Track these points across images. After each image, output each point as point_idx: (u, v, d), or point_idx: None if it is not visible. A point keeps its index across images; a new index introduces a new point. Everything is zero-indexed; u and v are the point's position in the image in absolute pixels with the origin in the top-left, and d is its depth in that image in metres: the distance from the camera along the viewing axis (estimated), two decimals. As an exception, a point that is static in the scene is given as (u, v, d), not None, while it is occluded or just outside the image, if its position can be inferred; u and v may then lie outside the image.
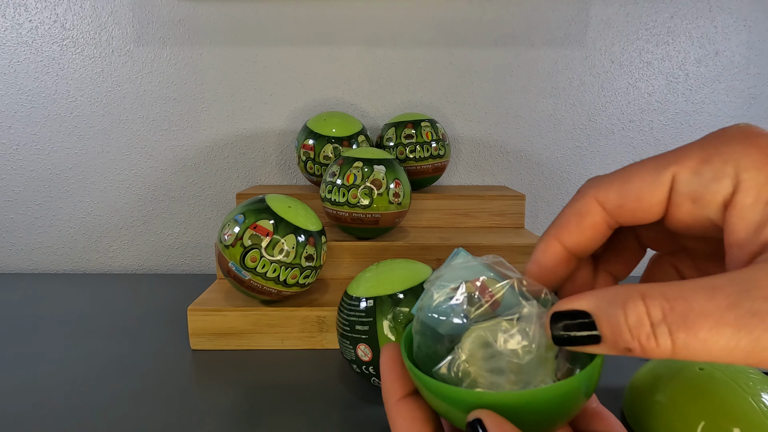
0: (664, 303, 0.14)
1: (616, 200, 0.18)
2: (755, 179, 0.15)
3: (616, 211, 0.18)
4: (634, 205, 0.17)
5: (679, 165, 0.16)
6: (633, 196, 0.17)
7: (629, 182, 0.17)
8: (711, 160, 0.16)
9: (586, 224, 0.19)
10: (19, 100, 0.73)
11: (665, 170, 0.17)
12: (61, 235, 0.77)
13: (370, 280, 0.41)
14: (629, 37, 0.74)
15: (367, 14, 0.73)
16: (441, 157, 0.68)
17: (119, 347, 0.52)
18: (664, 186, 0.17)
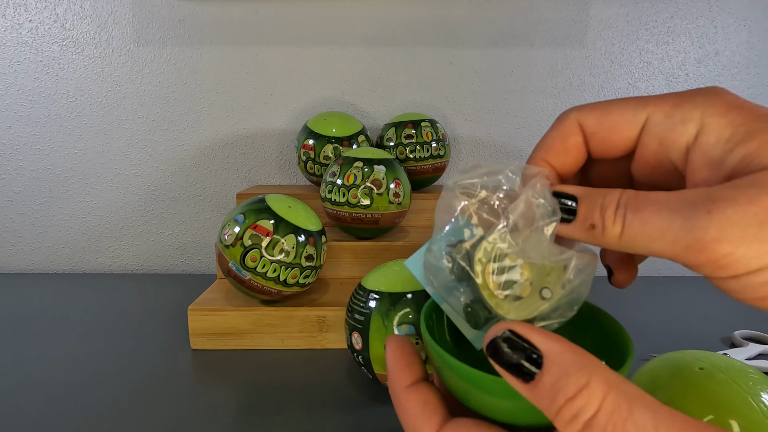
0: (631, 194, 0.16)
1: (593, 126, 0.19)
2: (717, 123, 0.17)
3: (590, 137, 0.20)
4: (607, 135, 0.19)
5: (654, 107, 0.18)
6: (608, 126, 0.19)
7: (608, 113, 0.19)
8: (682, 105, 0.17)
9: (570, 144, 0.20)
10: (19, 100, 0.73)
11: (642, 110, 0.18)
12: (61, 235, 0.77)
13: (384, 275, 0.41)
14: (629, 37, 0.74)
15: (367, 14, 0.73)
16: (441, 157, 0.68)
17: (119, 347, 0.52)
18: (638, 124, 0.18)
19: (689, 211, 0.15)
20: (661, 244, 0.15)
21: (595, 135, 0.19)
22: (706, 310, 0.63)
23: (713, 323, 0.59)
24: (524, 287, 0.18)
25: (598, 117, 0.19)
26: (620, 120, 0.19)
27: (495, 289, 0.19)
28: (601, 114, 0.19)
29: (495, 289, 0.19)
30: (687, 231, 0.15)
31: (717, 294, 0.68)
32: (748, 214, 0.14)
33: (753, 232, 0.14)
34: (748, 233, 0.14)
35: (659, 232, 0.15)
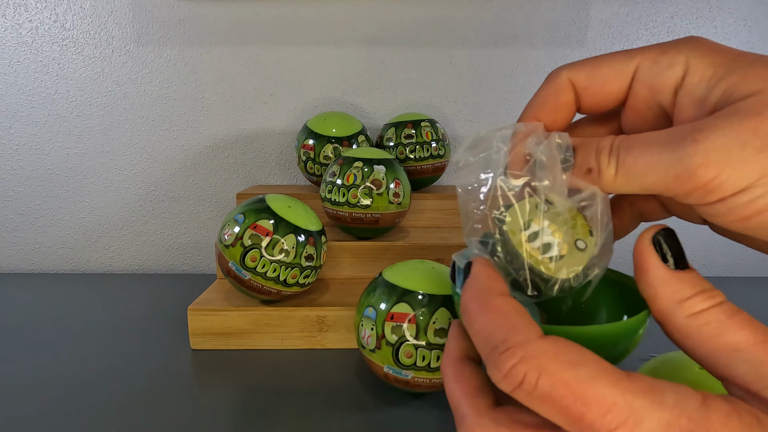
0: (625, 136, 0.17)
1: (584, 82, 0.20)
2: (701, 63, 0.18)
3: (581, 93, 0.20)
4: (599, 89, 0.20)
5: (642, 56, 0.19)
6: (600, 81, 0.20)
7: (599, 68, 0.20)
8: (667, 51, 0.19)
9: (561, 102, 0.21)
10: (19, 100, 0.73)
11: (631, 61, 0.19)
12: (61, 235, 0.77)
13: (406, 271, 0.41)
14: (629, 37, 0.74)
15: (367, 14, 0.73)
16: (441, 157, 0.68)
17: (119, 347, 0.52)
18: (628, 75, 0.19)
19: (676, 142, 0.16)
20: (652, 178, 0.16)
21: (588, 90, 0.20)
22: None
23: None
24: (561, 246, 0.19)
25: (589, 72, 0.20)
26: (611, 72, 0.19)
27: (538, 255, 0.19)
28: (592, 69, 0.20)
29: (539, 255, 0.19)
30: (676, 161, 0.15)
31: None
32: (730, 138, 0.15)
33: (736, 153, 0.15)
34: (732, 155, 0.15)
35: (650, 166, 0.16)
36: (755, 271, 0.81)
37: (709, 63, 0.17)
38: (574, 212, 0.20)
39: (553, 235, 0.19)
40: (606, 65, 0.20)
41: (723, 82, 0.17)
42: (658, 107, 0.19)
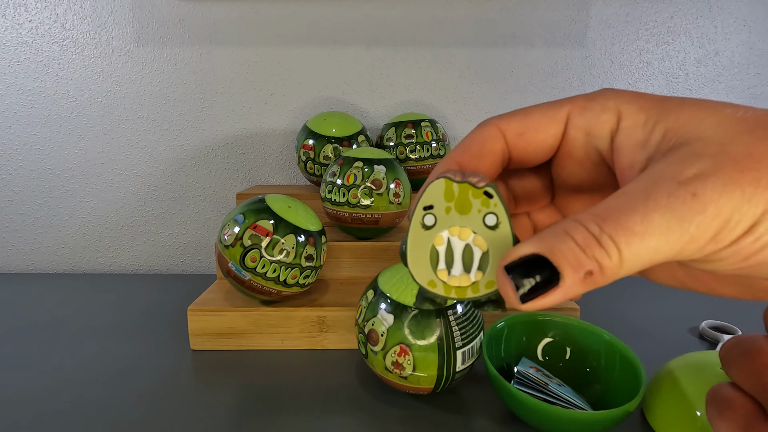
0: (596, 218, 0.15)
1: (518, 128, 0.19)
2: (631, 108, 0.18)
3: (514, 141, 0.20)
4: (533, 135, 0.19)
5: (571, 104, 0.19)
6: (533, 126, 0.19)
7: (530, 115, 0.19)
8: (595, 98, 0.19)
9: (486, 149, 0.20)
10: (19, 100, 0.73)
11: (561, 108, 0.19)
12: (61, 235, 0.77)
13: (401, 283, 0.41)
14: (629, 37, 0.74)
15: (367, 14, 0.73)
16: (441, 157, 0.68)
17: (119, 347, 0.52)
18: (561, 121, 0.19)
19: (671, 202, 0.15)
20: (665, 250, 0.15)
21: (522, 136, 0.20)
22: (673, 303, 0.65)
23: (680, 316, 0.61)
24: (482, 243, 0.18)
25: (521, 119, 0.19)
26: (543, 119, 0.19)
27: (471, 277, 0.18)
28: (524, 116, 0.19)
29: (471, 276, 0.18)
30: (688, 222, 0.15)
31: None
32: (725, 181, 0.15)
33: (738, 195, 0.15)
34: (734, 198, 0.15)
35: (663, 237, 0.15)
36: (755, 271, 0.81)
37: (638, 108, 0.18)
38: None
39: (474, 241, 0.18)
40: (537, 113, 0.19)
41: (660, 125, 0.17)
42: (595, 152, 0.19)
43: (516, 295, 0.16)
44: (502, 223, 0.18)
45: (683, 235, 0.15)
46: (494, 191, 0.18)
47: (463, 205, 0.18)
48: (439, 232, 0.18)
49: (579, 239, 0.15)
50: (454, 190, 0.18)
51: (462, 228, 0.18)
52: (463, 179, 0.18)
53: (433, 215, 0.18)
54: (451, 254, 0.18)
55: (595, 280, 0.15)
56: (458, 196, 0.18)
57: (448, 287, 0.18)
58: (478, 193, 0.18)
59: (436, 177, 0.19)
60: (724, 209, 0.14)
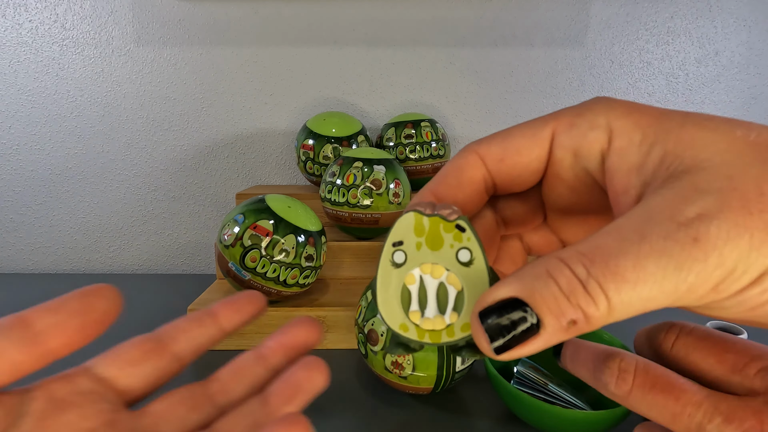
0: (583, 258, 0.13)
1: (498, 153, 0.17)
2: (625, 125, 0.16)
3: (496, 166, 0.18)
4: (515, 159, 0.17)
5: (556, 121, 0.17)
6: (514, 149, 0.17)
7: (511, 137, 0.17)
8: (583, 114, 0.16)
9: (465, 179, 0.18)
10: (19, 100, 0.73)
11: (545, 126, 0.17)
12: (61, 235, 0.77)
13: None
14: (629, 37, 0.74)
15: (367, 14, 0.73)
16: (441, 157, 0.68)
17: (119, 347, 0.52)
18: (545, 141, 0.17)
19: (667, 246, 0.13)
20: (659, 299, 0.13)
21: (503, 162, 0.18)
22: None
23: (685, 316, 0.60)
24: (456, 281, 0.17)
25: (501, 142, 0.18)
26: (524, 140, 0.17)
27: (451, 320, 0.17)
28: (504, 139, 0.17)
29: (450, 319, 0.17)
30: (687, 272, 0.13)
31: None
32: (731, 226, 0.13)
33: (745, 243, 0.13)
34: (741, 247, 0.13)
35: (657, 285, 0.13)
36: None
37: (633, 125, 0.16)
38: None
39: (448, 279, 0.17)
40: (518, 134, 0.17)
41: (658, 147, 0.15)
42: (585, 174, 0.17)
43: (490, 348, 0.14)
44: (477, 258, 0.16)
45: (680, 284, 0.13)
46: (467, 224, 0.17)
47: (434, 240, 0.17)
48: (410, 270, 0.17)
49: (563, 283, 0.13)
50: (425, 225, 0.17)
51: (434, 265, 0.17)
52: (433, 212, 0.17)
53: (403, 252, 0.17)
54: (425, 294, 0.17)
55: (579, 329, 0.14)
56: (429, 230, 0.17)
57: (422, 331, 0.17)
58: (449, 226, 0.17)
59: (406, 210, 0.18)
60: (729, 258, 0.13)
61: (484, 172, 0.18)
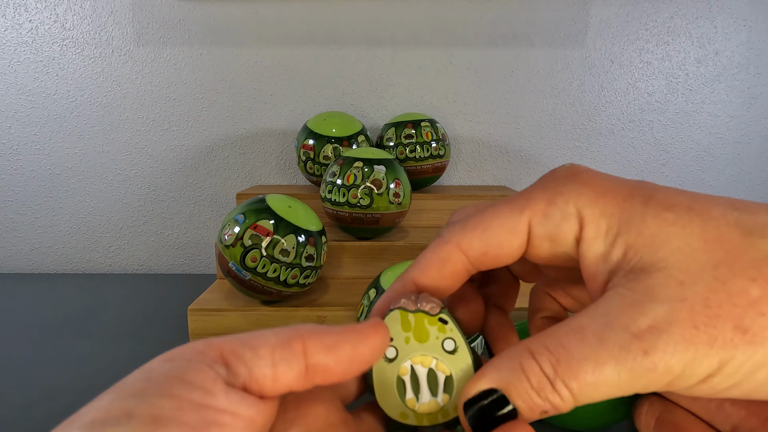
0: (550, 356, 0.15)
1: (480, 248, 0.19)
2: (593, 213, 0.17)
3: (479, 259, 0.19)
4: (497, 252, 0.19)
5: (531, 209, 0.18)
6: (495, 244, 0.18)
7: (490, 230, 0.18)
8: (555, 200, 0.18)
9: (447, 272, 0.19)
10: (19, 100, 0.73)
11: (521, 216, 0.18)
12: (61, 235, 0.77)
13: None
14: (629, 37, 0.74)
15: (367, 14, 0.73)
16: (441, 157, 0.68)
17: (119, 348, 0.52)
18: (523, 232, 0.18)
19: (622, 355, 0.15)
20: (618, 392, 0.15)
21: (486, 255, 0.19)
22: None
23: None
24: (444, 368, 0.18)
25: (480, 237, 0.19)
26: (503, 233, 0.18)
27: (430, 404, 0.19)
28: (483, 232, 0.18)
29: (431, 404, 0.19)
30: (638, 377, 0.15)
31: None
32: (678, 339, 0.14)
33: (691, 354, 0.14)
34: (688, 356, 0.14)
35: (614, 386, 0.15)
36: (755, 271, 0.81)
37: (600, 212, 0.17)
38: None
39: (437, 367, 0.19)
40: (497, 227, 0.18)
41: (621, 240, 0.16)
42: (564, 254, 0.18)
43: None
44: (460, 346, 0.18)
45: (635, 385, 0.15)
46: (448, 317, 0.19)
47: (421, 334, 0.19)
48: (402, 363, 0.18)
49: (533, 380, 0.15)
50: (411, 320, 0.19)
51: (423, 356, 0.18)
52: (417, 309, 0.19)
53: (394, 347, 0.19)
54: (417, 381, 0.18)
55: (550, 414, 0.16)
56: (415, 325, 0.19)
57: (419, 416, 0.18)
58: (433, 320, 0.19)
59: (390, 302, 0.19)
60: (676, 366, 0.14)
61: (466, 264, 0.19)
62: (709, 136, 0.77)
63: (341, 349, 0.16)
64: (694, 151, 0.77)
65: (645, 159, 0.77)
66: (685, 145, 0.77)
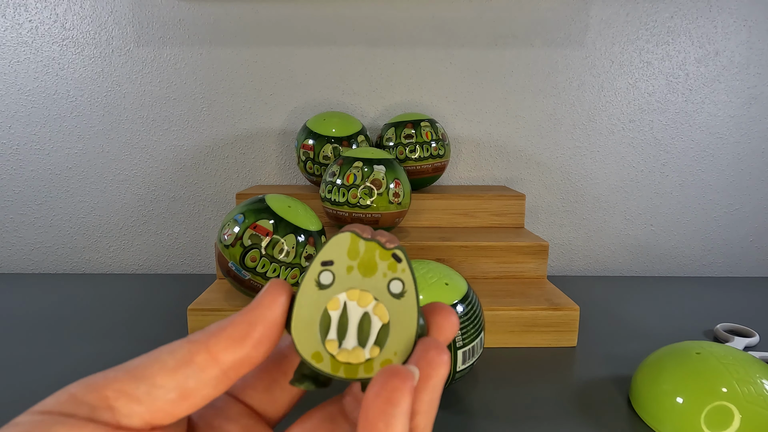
0: None
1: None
2: None
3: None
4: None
5: None
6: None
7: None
8: None
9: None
10: (19, 100, 0.73)
11: None
12: (61, 235, 0.77)
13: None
14: (629, 37, 0.74)
15: (367, 14, 0.73)
16: (441, 157, 0.68)
17: (119, 347, 0.52)
18: None
19: None
20: None
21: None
22: (688, 306, 0.65)
23: (696, 318, 0.61)
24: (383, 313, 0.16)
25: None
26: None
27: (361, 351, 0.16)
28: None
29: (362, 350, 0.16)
30: None
31: (698, 291, 0.68)
32: None
33: None
34: None
35: None
36: (755, 271, 0.81)
37: None
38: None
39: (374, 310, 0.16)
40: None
41: None
42: None
43: None
44: (408, 292, 0.16)
45: None
46: (403, 255, 0.16)
47: (367, 266, 0.16)
48: (336, 294, 0.16)
49: None
50: (360, 248, 0.16)
51: (362, 292, 0.16)
52: (371, 237, 0.16)
53: (332, 273, 0.16)
54: (345, 322, 0.16)
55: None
56: (363, 254, 0.16)
57: (336, 363, 0.15)
58: (386, 254, 0.16)
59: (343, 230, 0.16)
60: None
61: None
62: (709, 136, 0.77)
63: (253, 332, 0.15)
64: (694, 151, 0.77)
65: (645, 159, 0.77)
66: (685, 145, 0.77)
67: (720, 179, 0.78)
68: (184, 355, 0.15)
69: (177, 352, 0.15)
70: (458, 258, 0.60)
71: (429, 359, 0.14)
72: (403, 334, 0.15)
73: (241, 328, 0.15)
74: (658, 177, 0.78)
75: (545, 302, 0.53)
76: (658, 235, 0.80)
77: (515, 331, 0.52)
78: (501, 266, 0.61)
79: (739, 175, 0.78)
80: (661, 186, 0.78)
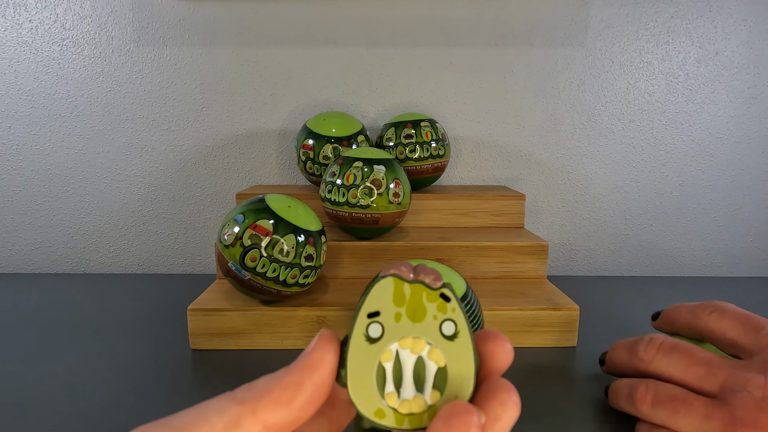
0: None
1: None
2: None
3: None
4: None
5: None
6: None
7: None
8: None
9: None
10: (19, 100, 0.73)
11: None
12: (61, 235, 0.77)
13: None
14: (629, 37, 0.74)
15: (367, 14, 0.73)
16: (441, 157, 0.68)
17: (119, 347, 0.52)
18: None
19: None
20: None
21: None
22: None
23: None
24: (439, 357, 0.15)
25: None
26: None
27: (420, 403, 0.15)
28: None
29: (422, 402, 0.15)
30: None
31: (698, 291, 0.68)
32: None
33: None
34: None
35: None
36: (755, 271, 0.81)
37: None
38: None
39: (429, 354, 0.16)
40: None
41: None
42: None
43: None
44: (462, 332, 0.15)
45: None
46: (452, 293, 0.15)
47: (416, 311, 0.15)
48: (387, 346, 0.15)
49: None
50: (405, 292, 0.15)
51: (415, 339, 0.15)
52: (415, 279, 0.15)
53: (380, 324, 0.15)
54: (400, 370, 0.15)
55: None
56: (410, 299, 0.15)
57: (400, 416, 0.15)
58: (433, 295, 0.15)
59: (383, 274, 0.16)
60: None
61: None
62: (709, 136, 0.77)
63: (300, 395, 0.14)
64: (694, 151, 0.77)
65: (645, 159, 0.77)
66: (685, 145, 0.77)
67: (720, 179, 0.78)
68: (232, 417, 0.15)
69: (225, 413, 0.15)
70: (458, 258, 0.60)
71: (501, 400, 0.14)
72: (463, 375, 0.15)
73: (289, 391, 0.15)
74: (658, 177, 0.78)
75: (545, 302, 0.53)
76: (658, 235, 0.80)
77: (515, 331, 0.52)
78: (501, 266, 0.61)
79: (739, 175, 0.78)
80: (661, 186, 0.78)
